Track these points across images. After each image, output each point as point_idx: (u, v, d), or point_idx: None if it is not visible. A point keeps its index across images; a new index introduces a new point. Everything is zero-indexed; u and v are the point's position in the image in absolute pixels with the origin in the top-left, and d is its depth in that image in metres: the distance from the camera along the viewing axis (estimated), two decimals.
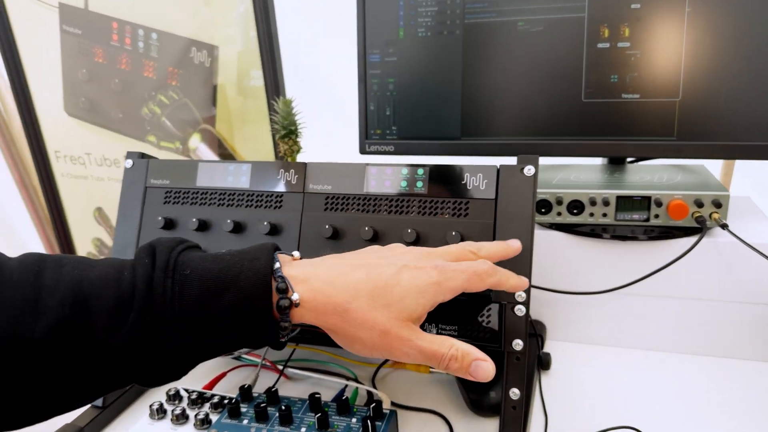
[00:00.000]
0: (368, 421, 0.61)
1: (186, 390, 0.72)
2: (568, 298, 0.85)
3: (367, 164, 0.67)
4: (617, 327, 0.84)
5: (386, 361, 0.82)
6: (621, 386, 0.76)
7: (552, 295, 0.85)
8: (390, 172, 0.66)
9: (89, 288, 0.43)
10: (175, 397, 0.71)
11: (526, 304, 0.60)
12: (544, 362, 0.80)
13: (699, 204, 0.76)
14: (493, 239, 0.61)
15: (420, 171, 0.65)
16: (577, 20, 0.83)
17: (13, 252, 0.48)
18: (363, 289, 0.48)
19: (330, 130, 1.08)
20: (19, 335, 0.40)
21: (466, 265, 0.52)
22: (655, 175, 0.87)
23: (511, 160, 0.63)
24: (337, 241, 0.66)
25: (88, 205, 1.54)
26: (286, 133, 0.91)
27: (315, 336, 0.73)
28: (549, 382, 0.78)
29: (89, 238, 1.59)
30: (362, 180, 0.67)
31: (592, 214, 0.80)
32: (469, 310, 0.61)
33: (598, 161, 0.97)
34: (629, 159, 0.95)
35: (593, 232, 0.81)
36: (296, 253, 0.53)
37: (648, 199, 0.78)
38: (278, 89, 1.16)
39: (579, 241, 0.82)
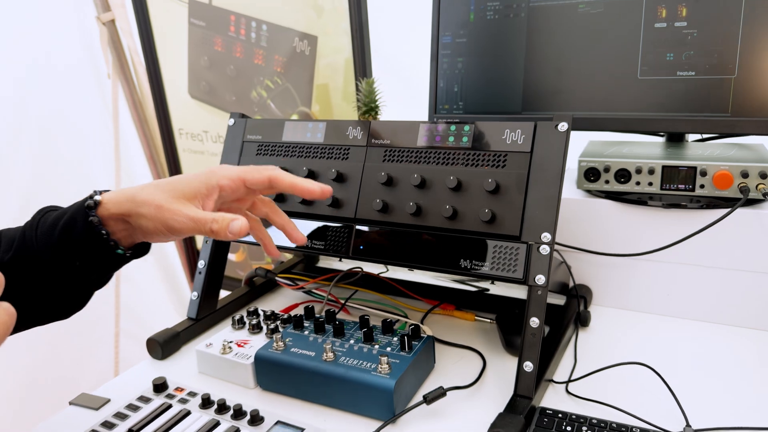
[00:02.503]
0: (405, 338, 0.71)
1: (263, 310, 0.85)
2: (615, 266, 0.89)
3: (421, 122, 0.77)
4: (659, 295, 0.88)
5: (437, 305, 0.91)
6: (653, 347, 0.80)
7: (599, 262, 0.90)
8: (440, 129, 0.76)
9: (6, 233, 0.62)
10: (253, 313, 0.84)
11: (551, 244, 0.67)
12: (582, 318, 0.85)
13: (744, 175, 0.78)
14: (526, 187, 0.69)
15: (466, 127, 0.75)
16: (636, 2, 0.88)
17: None
18: (153, 184, 0.62)
19: (405, 108, 1.19)
20: None
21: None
22: (708, 150, 0.89)
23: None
24: (391, 187, 0.77)
25: None
26: (367, 110, 1.04)
27: (376, 284, 0.85)
28: (586, 337, 0.83)
29: None
30: (416, 135, 0.77)
31: (638, 183, 0.85)
32: (500, 250, 0.69)
33: (661, 140, 1.00)
34: (693, 139, 0.98)
35: (639, 200, 0.85)
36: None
37: (694, 169, 0.81)
38: (365, 72, 1.29)
39: (625, 209, 0.87)
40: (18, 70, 1.58)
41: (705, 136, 0.99)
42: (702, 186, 0.81)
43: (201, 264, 0.90)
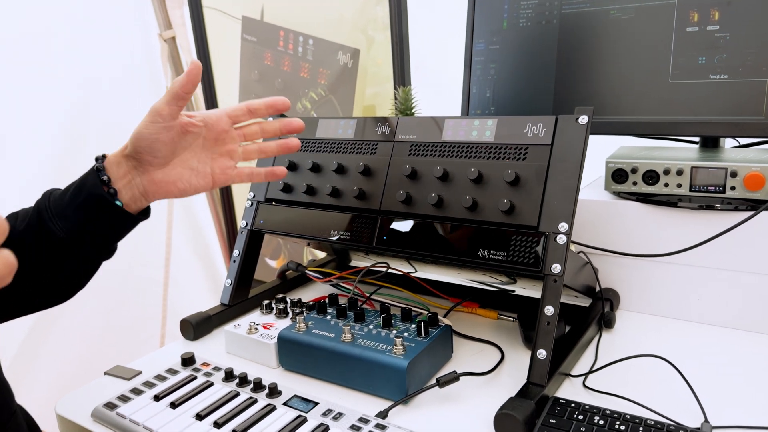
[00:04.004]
0: (422, 324, 0.72)
1: (290, 299, 0.89)
2: (643, 270, 0.88)
3: (446, 117, 0.80)
4: (689, 300, 0.86)
5: (460, 302, 0.92)
6: (677, 349, 0.78)
7: (628, 266, 0.89)
8: (464, 124, 0.78)
9: (25, 209, 0.70)
10: (281, 300, 0.87)
11: (568, 234, 0.67)
12: (606, 320, 0.84)
13: None
14: (545, 179, 0.70)
15: (489, 122, 0.77)
16: (667, 6, 0.88)
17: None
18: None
19: (438, 114, 1.22)
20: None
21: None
22: (740, 154, 0.87)
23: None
24: (415, 179, 0.79)
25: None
26: (403, 115, 1.07)
27: (402, 281, 0.87)
28: (610, 339, 0.82)
29: None
30: (441, 130, 0.80)
31: (666, 185, 0.84)
32: (518, 239, 0.70)
33: (695, 146, 0.99)
34: (733, 146, 0.96)
35: (668, 201, 0.84)
36: None
37: (724, 170, 0.80)
38: (403, 81, 1.32)
39: (654, 211, 0.86)
40: (81, 81, 1.70)
41: (742, 142, 0.97)
42: (732, 188, 0.80)
43: (236, 253, 0.94)
